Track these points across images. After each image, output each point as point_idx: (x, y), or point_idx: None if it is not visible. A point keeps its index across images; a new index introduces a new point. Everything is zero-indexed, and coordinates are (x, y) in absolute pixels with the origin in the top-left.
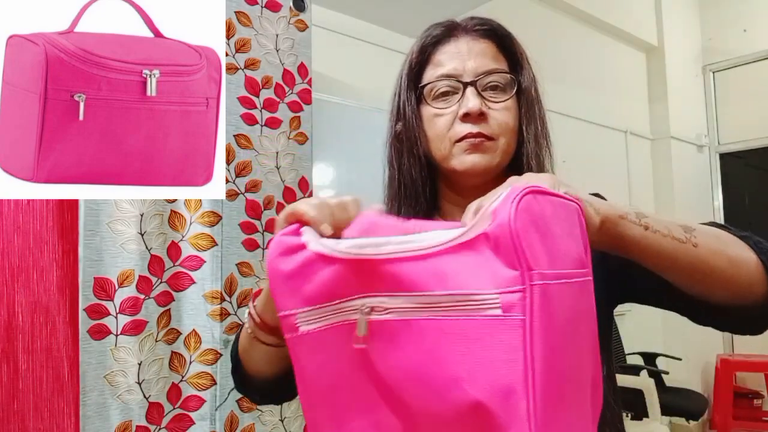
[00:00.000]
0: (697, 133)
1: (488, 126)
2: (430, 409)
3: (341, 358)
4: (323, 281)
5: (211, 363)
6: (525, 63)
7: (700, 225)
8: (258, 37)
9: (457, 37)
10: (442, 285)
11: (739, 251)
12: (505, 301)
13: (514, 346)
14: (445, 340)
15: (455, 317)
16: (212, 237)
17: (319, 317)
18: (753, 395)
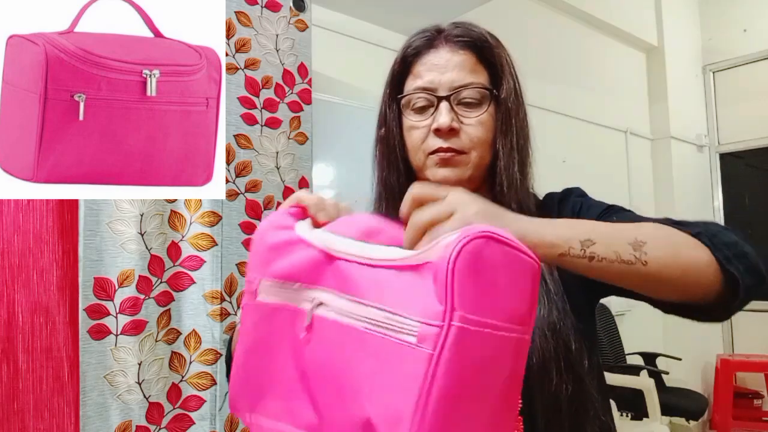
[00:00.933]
0: (697, 133)
1: (459, 140)
2: (333, 414)
3: (280, 338)
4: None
5: (211, 363)
6: (506, 73)
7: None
8: (258, 37)
9: (437, 48)
10: (377, 297)
11: (692, 254)
12: (422, 331)
13: (414, 376)
14: (362, 352)
15: (377, 333)
16: (212, 237)
17: (277, 293)
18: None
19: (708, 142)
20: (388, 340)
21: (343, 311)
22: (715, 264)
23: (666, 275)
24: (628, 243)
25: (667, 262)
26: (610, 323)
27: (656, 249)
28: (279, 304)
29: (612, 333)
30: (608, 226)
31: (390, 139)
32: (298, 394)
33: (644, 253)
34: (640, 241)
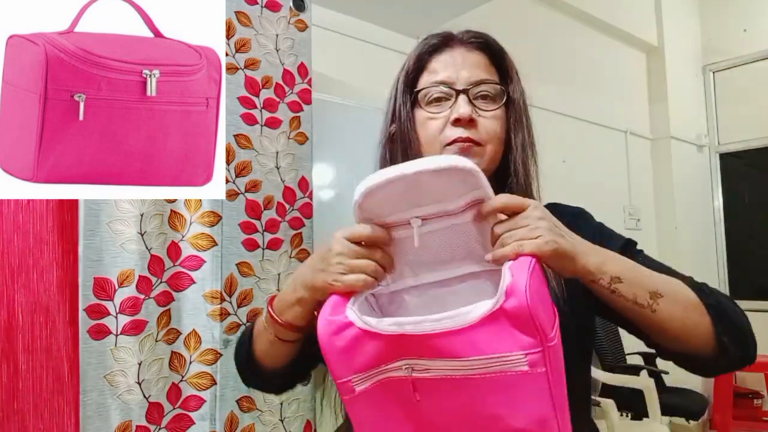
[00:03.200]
0: (697, 133)
1: (477, 132)
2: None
3: (392, 410)
4: (370, 352)
5: (211, 363)
6: (515, 76)
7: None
8: (258, 37)
9: (453, 47)
10: (475, 351)
11: (696, 319)
12: (531, 359)
13: (542, 389)
14: (483, 389)
15: (489, 373)
16: (212, 237)
17: (369, 378)
18: (753, 395)
19: (708, 142)
20: (506, 374)
21: (445, 369)
22: (712, 333)
23: (667, 326)
24: (648, 291)
25: (673, 317)
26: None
27: (668, 303)
28: (374, 384)
29: (612, 333)
30: (638, 271)
31: (403, 132)
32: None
33: (657, 304)
34: (659, 293)
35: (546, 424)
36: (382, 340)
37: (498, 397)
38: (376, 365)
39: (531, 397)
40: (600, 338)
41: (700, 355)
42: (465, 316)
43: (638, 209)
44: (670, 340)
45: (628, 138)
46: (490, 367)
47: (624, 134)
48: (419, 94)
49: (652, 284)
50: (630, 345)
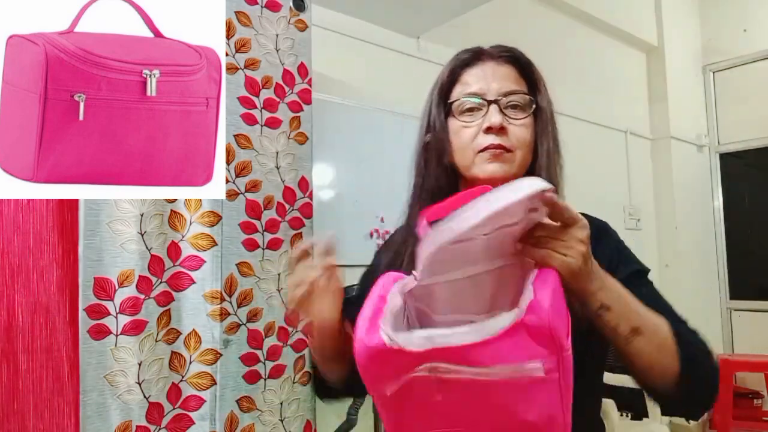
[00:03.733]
0: (697, 133)
1: (508, 139)
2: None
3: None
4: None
5: (211, 363)
6: (542, 87)
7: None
8: (258, 37)
9: (484, 61)
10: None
11: (666, 364)
12: (547, 368)
13: (554, 391)
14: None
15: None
16: (212, 237)
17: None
18: (753, 395)
19: (708, 142)
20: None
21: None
22: (676, 382)
23: (637, 361)
24: (631, 326)
25: (644, 355)
26: None
27: (644, 342)
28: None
29: None
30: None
31: (438, 141)
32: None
33: (635, 339)
34: (640, 331)
35: (553, 421)
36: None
37: (514, 397)
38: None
39: (543, 397)
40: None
41: (660, 395)
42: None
43: (638, 209)
44: (637, 373)
45: (628, 138)
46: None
47: (624, 134)
48: (453, 105)
49: (637, 321)
50: None
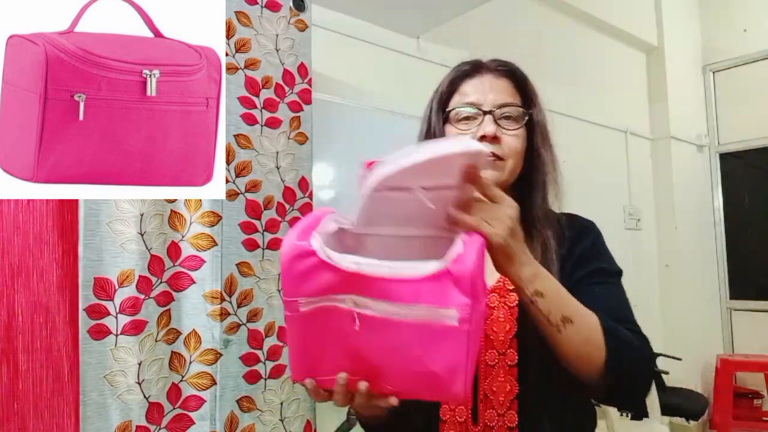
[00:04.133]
0: (697, 133)
1: (500, 148)
2: (395, 370)
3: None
4: (325, 281)
5: (211, 363)
6: (537, 100)
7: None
8: (258, 37)
9: (482, 73)
10: (414, 299)
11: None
12: (461, 316)
13: (461, 343)
14: (415, 334)
15: (423, 321)
16: (212, 237)
17: (314, 302)
18: (753, 395)
19: (708, 142)
20: (436, 324)
21: (386, 311)
22: (601, 371)
23: (565, 349)
24: (562, 314)
25: (572, 343)
26: None
27: (574, 332)
28: (318, 309)
29: None
30: (561, 295)
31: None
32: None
33: (564, 327)
34: (570, 320)
35: (455, 372)
36: (338, 273)
37: (423, 343)
38: (325, 293)
39: (450, 348)
40: None
41: (587, 382)
42: (417, 268)
43: (638, 209)
44: (565, 360)
45: (628, 138)
46: (426, 316)
47: (624, 134)
48: (451, 113)
49: (568, 311)
50: None
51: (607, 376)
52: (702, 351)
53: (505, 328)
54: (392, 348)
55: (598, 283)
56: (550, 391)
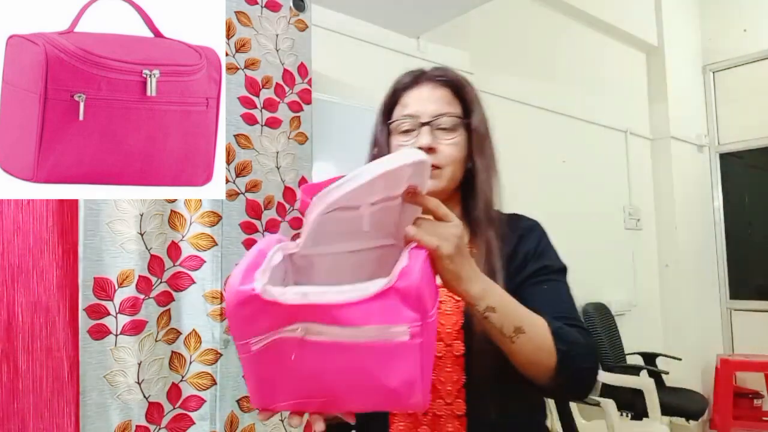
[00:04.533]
0: (697, 133)
1: (437, 157)
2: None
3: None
4: (272, 318)
5: (211, 363)
6: (476, 107)
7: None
8: (258, 37)
9: (421, 84)
10: (366, 321)
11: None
12: (412, 331)
13: (414, 357)
14: (368, 355)
15: (375, 341)
16: (212, 237)
17: (266, 339)
18: (753, 395)
19: (708, 142)
20: (388, 343)
21: (339, 335)
22: (552, 373)
23: (519, 358)
24: (514, 326)
25: (524, 352)
26: (610, 323)
27: (526, 341)
28: (270, 344)
29: (612, 333)
30: (512, 307)
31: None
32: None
33: (517, 338)
34: (522, 330)
35: (412, 386)
36: (285, 309)
37: (378, 361)
38: (276, 328)
39: (405, 363)
40: (600, 338)
41: (539, 383)
42: (362, 290)
43: (638, 209)
44: (519, 366)
45: (628, 138)
46: (378, 336)
47: (624, 134)
48: (392, 126)
49: (519, 321)
50: (630, 345)
51: (558, 377)
52: (702, 351)
53: (452, 320)
54: (348, 370)
55: (543, 281)
56: (496, 380)
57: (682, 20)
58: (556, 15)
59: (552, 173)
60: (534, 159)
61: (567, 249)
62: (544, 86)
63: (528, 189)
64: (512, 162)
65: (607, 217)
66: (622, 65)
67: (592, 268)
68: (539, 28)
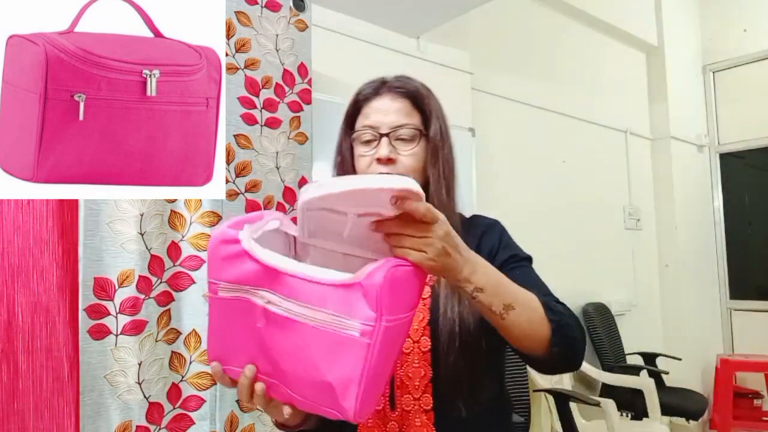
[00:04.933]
0: (697, 133)
1: (396, 168)
2: (295, 374)
3: (241, 321)
4: (244, 270)
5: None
6: (433, 117)
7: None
8: (258, 37)
9: (382, 95)
10: (321, 303)
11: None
12: (363, 329)
13: (359, 356)
14: (316, 340)
15: (326, 328)
16: None
17: (233, 290)
18: (753, 395)
19: (708, 142)
20: (337, 333)
21: (292, 311)
22: (547, 343)
23: (511, 332)
24: (503, 303)
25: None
26: (610, 323)
27: (517, 315)
28: (235, 297)
29: (612, 333)
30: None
31: (345, 164)
32: (259, 356)
33: (507, 314)
34: (512, 306)
35: (348, 386)
36: (256, 265)
37: (323, 350)
38: (244, 282)
39: (348, 360)
40: (600, 338)
41: (534, 357)
42: (330, 275)
43: (638, 209)
44: (513, 341)
45: (628, 138)
46: (329, 323)
47: (624, 134)
48: (353, 136)
49: (509, 297)
50: (630, 345)
51: (553, 347)
52: (702, 351)
53: (418, 317)
54: (294, 350)
55: (515, 267)
56: (463, 373)
57: (682, 20)
58: (557, 15)
59: (552, 173)
60: (534, 159)
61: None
62: (544, 86)
63: (528, 189)
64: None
65: (607, 217)
66: (622, 65)
67: (592, 268)
68: (539, 28)
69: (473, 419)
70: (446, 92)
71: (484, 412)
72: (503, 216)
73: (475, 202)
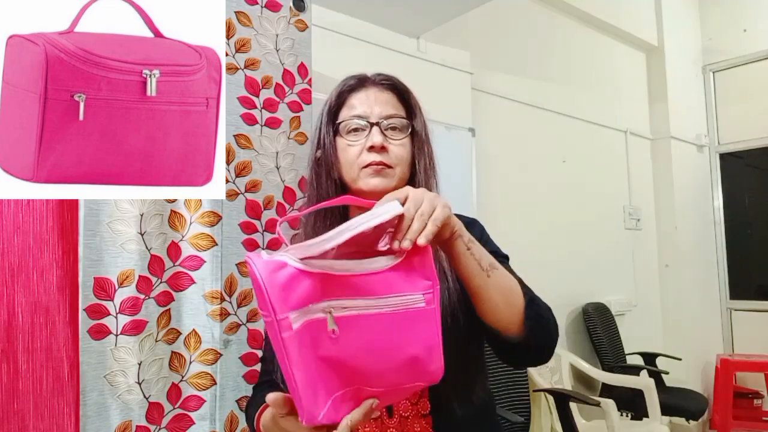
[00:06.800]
0: (697, 133)
1: (388, 157)
2: (376, 368)
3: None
4: (303, 289)
5: (211, 363)
6: (418, 112)
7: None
8: (258, 37)
9: (367, 87)
10: (387, 290)
11: (513, 300)
12: (426, 299)
13: (432, 322)
14: (392, 324)
15: (398, 309)
16: (212, 237)
17: (299, 317)
18: (753, 395)
19: (708, 142)
20: (409, 311)
21: (361, 306)
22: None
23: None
24: (489, 262)
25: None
26: (610, 323)
27: (499, 277)
28: (303, 324)
29: (612, 333)
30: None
31: (327, 157)
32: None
33: (492, 272)
34: (496, 267)
35: (432, 350)
36: (312, 278)
37: (401, 330)
38: (307, 303)
39: (424, 329)
40: (600, 338)
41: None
42: (380, 262)
43: (638, 209)
44: (489, 310)
45: (628, 138)
46: (399, 304)
47: (624, 134)
48: (340, 125)
49: (492, 262)
50: (630, 345)
51: (527, 321)
52: (702, 351)
53: None
54: (373, 342)
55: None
56: (458, 375)
57: (682, 20)
58: (557, 15)
59: (552, 173)
60: (534, 159)
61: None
62: (544, 86)
63: (528, 189)
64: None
65: (607, 217)
66: (622, 65)
67: (592, 268)
68: (539, 28)
69: (467, 419)
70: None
71: (477, 411)
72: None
73: (475, 202)
